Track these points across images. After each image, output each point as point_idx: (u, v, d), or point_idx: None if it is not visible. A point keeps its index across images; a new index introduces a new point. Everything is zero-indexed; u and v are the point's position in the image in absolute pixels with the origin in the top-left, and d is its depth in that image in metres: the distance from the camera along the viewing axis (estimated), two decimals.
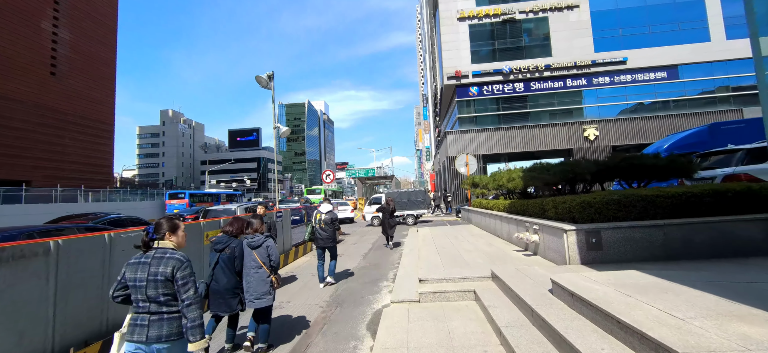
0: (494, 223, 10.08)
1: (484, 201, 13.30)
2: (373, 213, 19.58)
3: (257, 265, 3.74)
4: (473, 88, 26.32)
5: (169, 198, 36.71)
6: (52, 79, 57.65)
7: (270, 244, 3.84)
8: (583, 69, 25.33)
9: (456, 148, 25.39)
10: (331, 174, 15.07)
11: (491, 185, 11.93)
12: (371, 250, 11.12)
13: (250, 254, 3.78)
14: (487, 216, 11.25)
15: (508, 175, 9.87)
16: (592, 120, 24.94)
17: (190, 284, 2.21)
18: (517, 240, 7.07)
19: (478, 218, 12.78)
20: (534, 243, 6.34)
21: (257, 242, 3.82)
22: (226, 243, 3.78)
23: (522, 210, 7.98)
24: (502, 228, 9.01)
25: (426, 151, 65.55)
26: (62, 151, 56.61)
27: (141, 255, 2.26)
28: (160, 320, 2.16)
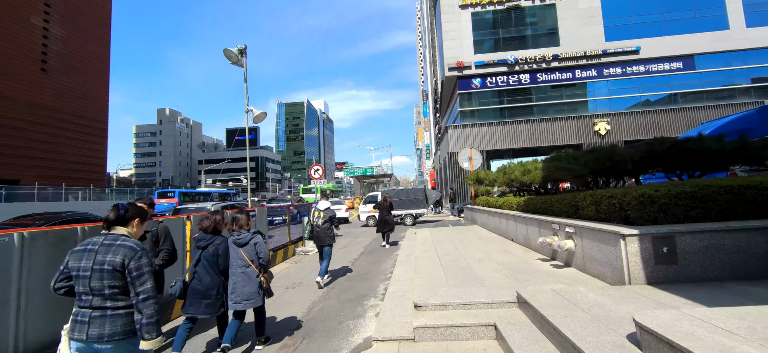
0: (506, 224, 8.54)
1: (492, 199, 11.77)
2: (369, 212, 18.07)
3: (244, 264, 3.47)
4: (476, 80, 24.77)
5: (158, 197, 35.13)
6: (42, 75, 56.33)
7: (258, 241, 3.54)
8: (593, 59, 23.77)
9: (457, 143, 23.85)
10: (319, 169, 13.57)
11: (500, 180, 10.39)
12: (362, 255, 9.58)
13: (237, 252, 3.51)
14: (496, 216, 9.71)
15: (523, 167, 8.34)
16: (603, 113, 23.40)
17: (147, 276, 1.98)
18: (540, 246, 5.53)
19: (485, 218, 11.25)
20: (567, 250, 4.80)
21: (244, 239, 3.52)
22: (209, 240, 3.47)
23: (545, 209, 6.44)
24: (518, 231, 7.47)
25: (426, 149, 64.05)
26: (54, 149, 55.25)
27: (87, 241, 2.03)
28: (103, 317, 1.92)
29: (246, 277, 3.47)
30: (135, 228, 2.14)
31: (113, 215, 2.06)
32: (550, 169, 6.34)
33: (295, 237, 11.44)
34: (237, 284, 3.45)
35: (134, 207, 2.16)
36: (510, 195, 12.45)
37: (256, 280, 3.48)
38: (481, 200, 13.16)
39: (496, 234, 9.50)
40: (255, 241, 3.55)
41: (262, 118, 8.55)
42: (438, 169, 37.28)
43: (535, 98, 24.59)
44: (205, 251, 3.46)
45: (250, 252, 3.51)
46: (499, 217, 9.32)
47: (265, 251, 3.55)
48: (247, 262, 3.49)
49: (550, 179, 6.74)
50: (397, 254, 8.72)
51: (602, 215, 4.57)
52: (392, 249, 9.93)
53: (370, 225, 17.78)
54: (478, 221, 12.48)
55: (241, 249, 3.51)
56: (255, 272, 3.49)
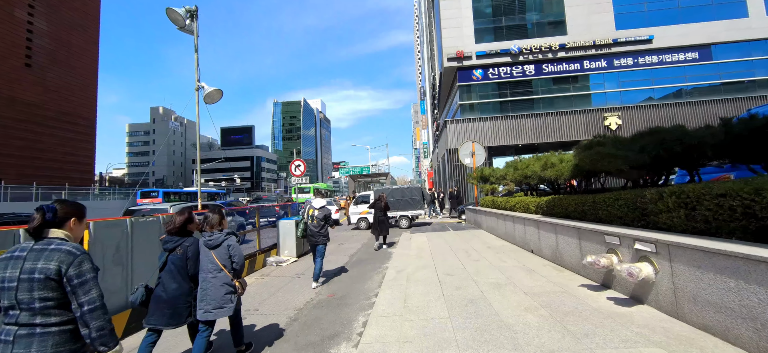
0: (523, 231, 6.80)
1: (499, 200, 10.05)
2: (360, 214, 16.33)
3: (216, 268, 3.08)
4: (477, 71, 23.06)
5: (140, 197, 33.25)
6: (25, 70, 54.38)
7: (232, 243, 3.16)
8: (603, 49, 22.13)
9: (457, 138, 22.13)
10: (301, 165, 11.83)
11: (511, 176, 8.67)
12: (344, 268, 7.83)
13: (208, 255, 3.12)
14: (508, 220, 7.98)
15: (543, 160, 6.63)
16: (613, 107, 21.74)
17: (91, 284, 1.76)
18: (587, 267, 3.80)
19: (492, 222, 9.52)
20: (642, 280, 3.07)
21: (216, 240, 3.13)
22: (177, 242, 3.07)
23: (583, 212, 4.72)
24: (542, 241, 5.74)
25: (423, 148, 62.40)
26: (38, 147, 53.27)
27: (15, 247, 1.79)
28: (30, 335, 1.66)
29: (217, 283, 3.10)
30: (73, 229, 1.88)
31: (38, 219, 1.79)
32: (591, 159, 4.60)
33: (269, 244, 9.73)
34: (207, 291, 3.07)
35: (67, 205, 1.89)
36: (518, 194, 10.76)
37: (228, 286, 3.12)
38: (487, 200, 11.45)
39: (508, 242, 7.77)
40: (228, 243, 3.19)
41: (216, 96, 6.79)
42: (436, 167, 35.57)
43: (540, 91, 22.91)
44: (173, 254, 3.09)
45: (222, 256, 3.15)
46: (512, 222, 7.59)
47: (239, 255, 3.19)
48: (219, 266, 3.12)
49: (595, 170, 5.00)
50: (386, 267, 6.99)
51: (699, 225, 2.85)
52: (382, 259, 8.20)
53: (362, 228, 16.05)
54: (483, 225, 10.76)
55: (212, 252, 3.15)
56: (227, 277, 3.13)
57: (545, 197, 6.62)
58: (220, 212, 3.38)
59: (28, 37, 55.64)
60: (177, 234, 3.15)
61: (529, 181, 8.40)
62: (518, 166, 8.52)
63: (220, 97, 6.83)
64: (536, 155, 8.50)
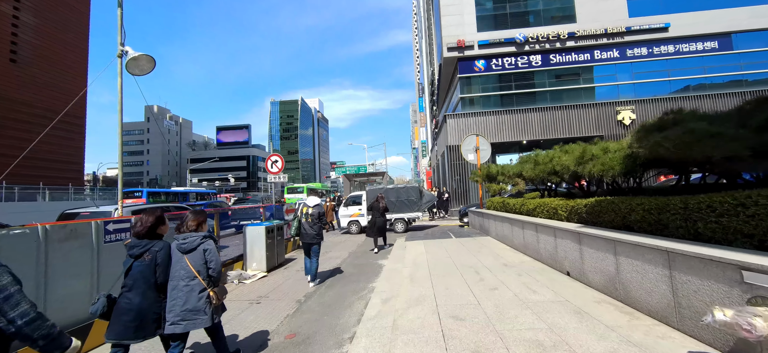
0: (552, 245, 5.09)
1: (511, 202, 8.37)
2: (351, 216, 14.63)
3: (189, 275, 2.75)
4: (479, 62, 21.39)
5: (124, 197, 31.39)
6: (11, 66, 52.58)
7: (209, 247, 2.82)
8: (615, 38, 20.51)
9: (458, 133, 20.46)
10: (278, 160, 10.14)
11: (530, 172, 6.99)
12: (320, 290, 6.13)
13: (181, 260, 2.79)
14: (527, 227, 6.27)
15: (582, 151, 4.96)
16: (626, 100, 20.12)
17: (17, 296, 1.66)
18: (685, 317, 2.13)
19: (504, 229, 7.83)
20: None
21: (191, 244, 2.80)
22: (145, 247, 2.71)
23: (666, 223, 3.03)
24: (590, 263, 4.01)
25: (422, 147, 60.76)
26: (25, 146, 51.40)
27: None
28: None
29: (189, 292, 2.72)
30: None
31: None
32: (678, 143, 2.89)
33: (234, 255, 8.09)
34: (176, 299, 2.71)
35: None
36: (531, 194, 9.08)
37: (201, 295, 2.74)
38: (495, 202, 9.76)
39: (529, 256, 6.09)
40: (205, 247, 2.82)
41: (146, 66, 5.09)
42: (435, 166, 33.88)
43: (547, 83, 21.26)
44: (139, 260, 2.69)
45: (197, 261, 2.78)
46: (534, 231, 5.89)
47: (216, 260, 2.82)
48: (193, 273, 2.75)
49: (676, 160, 3.30)
50: (372, 288, 5.33)
51: None
52: (368, 275, 6.51)
53: (353, 233, 14.36)
54: (491, 231, 9.07)
55: (186, 257, 2.78)
56: (201, 285, 2.75)
57: (582, 200, 4.94)
58: (200, 213, 3.01)
59: (14, 33, 53.82)
60: (145, 238, 2.77)
61: (556, 179, 6.73)
62: (539, 159, 6.85)
63: (152, 68, 5.15)
64: (562, 146, 6.83)
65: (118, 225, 4.84)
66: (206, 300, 2.79)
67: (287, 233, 10.57)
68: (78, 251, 4.20)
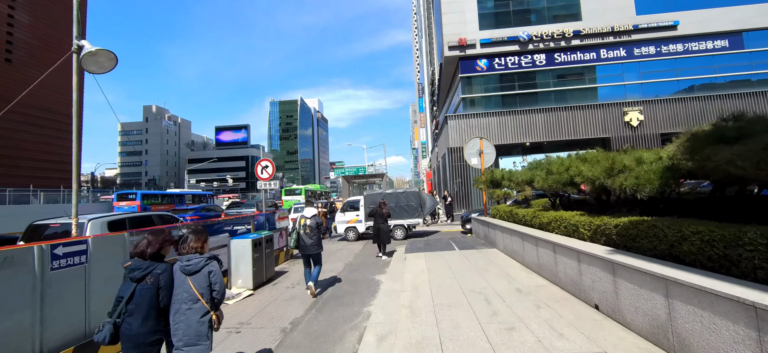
0: (576, 271, 4.36)
1: (522, 212, 7.68)
2: (348, 223, 13.95)
3: (192, 298, 2.60)
4: (481, 61, 20.71)
5: (117, 200, 30.74)
6: (7, 66, 51.93)
7: (213, 269, 2.67)
8: (622, 36, 19.83)
9: (459, 135, 19.77)
10: (269, 166, 9.45)
11: (542, 182, 6.29)
12: (308, 314, 5.44)
13: (184, 282, 2.63)
14: (542, 245, 5.55)
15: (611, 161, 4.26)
16: (634, 101, 19.44)
17: None
18: None
19: (514, 243, 7.12)
20: None
21: (196, 265, 2.64)
22: (147, 269, 2.57)
23: (736, 259, 2.34)
24: (628, 300, 3.28)
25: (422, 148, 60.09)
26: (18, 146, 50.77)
27: None
28: None
29: (193, 316, 2.59)
30: None
31: None
32: (757, 162, 2.22)
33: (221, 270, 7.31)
34: (179, 324, 2.58)
35: None
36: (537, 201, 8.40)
37: (204, 319, 2.61)
38: (503, 211, 9.06)
39: (545, 278, 5.39)
40: (210, 270, 2.67)
41: (106, 63, 4.40)
42: (435, 168, 33.18)
43: (552, 83, 20.58)
44: (142, 284, 2.54)
45: (200, 284, 2.63)
46: (551, 251, 5.18)
47: (221, 283, 2.68)
48: (196, 296, 2.61)
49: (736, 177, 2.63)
50: (368, 313, 4.64)
51: None
52: (364, 295, 5.82)
53: (350, 240, 13.69)
54: (498, 243, 8.37)
55: (189, 279, 2.63)
56: (204, 309, 2.60)
57: (610, 219, 4.23)
58: (202, 232, 2.84)
59: (9, 32, 53.16)
60: (148, 259, 2.61)
61: (572, 190, 6.04)
62: (553, 168, 6.16)
63: (113, 65, 4.46)
64: (578, 153, 6.14)
65: (70, 248, 4.14)
66: (208, 324, 2.67)
67: (280, 243, 9.94)
68: (11, 283, 3.53)
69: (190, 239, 2.80)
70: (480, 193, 18.82)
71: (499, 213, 9.38)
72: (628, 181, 3.72)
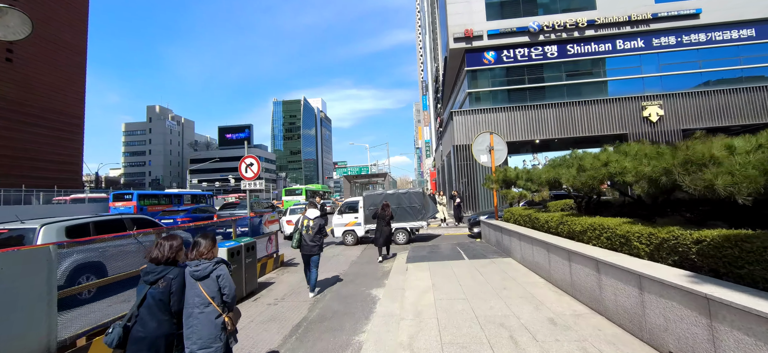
0: (637, 302, 3.20)
1: (542, 216, 6.54)
2: (346, 226, 12.88)
3: (204, 302, 2.64)
4: (489, 54, 19.53)
5: (113, 200, 29.91)
6: (7, 66, 51.61)
7: (222, 273, 2.74)
8: (640, 25, 18.55)
9: (465, 132, 18.61)
10: (255, 164, 8.43)
11: (573, 180, 5.17)
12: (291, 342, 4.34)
13: (194, 287, 2.68)
14: (575, 260, 4.39)
15: (685, 152, 3.14)
16: (653, 94, 18.15)
17: None
18: None
19: (535, 254, 5.97)
20: None
21: (204, 270, 2.70)
22: (160, 274, 2.62)
23: None
24: None
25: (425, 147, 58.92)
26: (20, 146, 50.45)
27: None
28: None
29: (205, 319, 2.63)
30: None
31: None
32: None
33: None
34: (192, 327, 2.60)
35: None
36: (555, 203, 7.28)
37: (217, 322, 2.64)
38: (516, 214, 7.93)
39: (583, 304, 4.24)
40: (218, 274, 2.73)
41: (18, 27, 3.39)
42: (439, 166, 32.02)
43: (565, 76, 19.34)
44: (154, 287, 2.58)
45: (210, 288, 2.68)
46: (590, 270, 4.04)
47: (230, 286, 2.75)
48: (207, 300, 2.65)
49: None
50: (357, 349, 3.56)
51: None
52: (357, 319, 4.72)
53: (348, 244, 12.63)
54: (514, 251, 7.23)
55: (199, 284, 2.67)
56: (216, 312, 2.64)
57: (682, 230, 3.11)
58: (212, 238, 2.89)
59: None
60: (163, 264, 2.66)
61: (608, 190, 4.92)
62: (586, 163, 5.03)
63: (29, 32, 3.44)
64: (617, 145, 5.03)
65: None
66: (221, 326, 2.68)
67: (268, 249, 8.95)
68: None
69: (199, 244, 2.80)
70: (489, 194, 17.65)
71: (513, 217, 8.25)
72: (720, 179, 2.60)
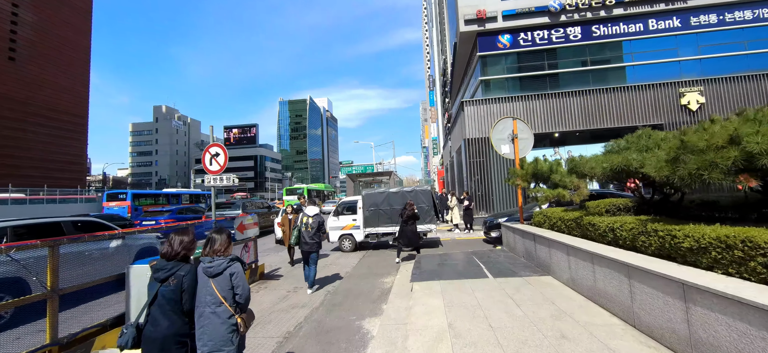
0: None
1: (603, 222, 4.67)
2: (343, 229, 11.14)
3: (216, 301, 2.42)
4: (504, 37, 17.57)
5: (107, 200, 28.67)
6: (9, 64, 51.09)
7: (236, 271, 2.50)
8: (676, 2, 16.42)
9: (478, 123, 16.69)
10: (220, 153, 6.72)
11: (665, 172, 3.35)
12: None
13: (207, 285, 2.47)
14: (725, 309, 2.53)
15: None
16: (692, 79, 16.00)
17: None
18: None
19: (602, 279, 4.06)
20: None
21: (217, 267, 2.48)
22: (171, 271, 2.42)
23: None
24: None
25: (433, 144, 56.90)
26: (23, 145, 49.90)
27: None
28: None
29: (217, 319, 2.40)
30: None
31: None
32: None
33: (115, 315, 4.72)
34: (204, 327, 2.40)
35: None
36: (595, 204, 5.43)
37: (229, 322, 2.42)
38: (556, 217, 6.05)
39: None
40: (231, 271, 2.49)
41: None
42: (448, 164, 30.08)
43: (590, 61, 17.28)
44: (165, 285, 2.39)
45: (223, 286, 2.45)
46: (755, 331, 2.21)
47: (244, 285, 2.51)
48: (219, 299, 2.42)
49: None
50: None
51: None
52: None
53: (345, 250, 10.91)
54: (556, 268, 5.36)
55: (211, 281, 2.46)
56: (228, 312, 2.42)
57: None
58: (227, 234, 2.67)
59: (13, 30, 52.28)
60: (173, 260, 2.48)
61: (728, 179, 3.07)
62: (692, 139, 3.18)
63: None
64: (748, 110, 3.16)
65: None
66: (234, 328, 2.45)
67: (246, 257, 7.34)
68: None
69: (215, 240, 2.59)
70: (506, 193, 15.72)
71: (549, 221, 6.38)
72: None
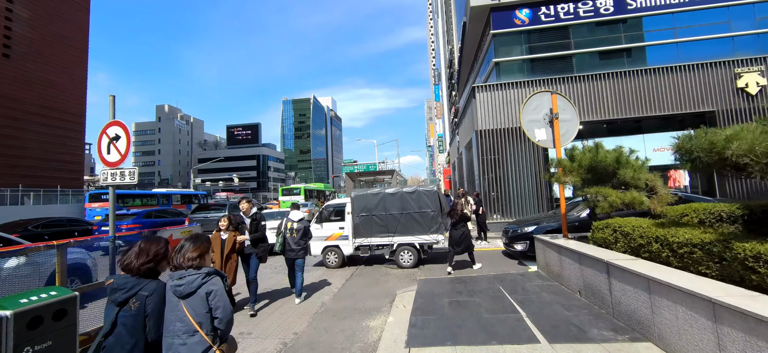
0: None
1: None
2: (327, 240, 8.82)
3: (188, 329, 1.89)
4: (522, 12, 15.11)
5: (89, 201, 26.85)
6: (5, 61, 49.83)
7: (214, 288, 1.95)
8: None
9: (492, 112, 14.25)
10: (121, 136, 4.56)
11: None
12: None
13: (177, 307, 1.93)
14: None
15: None
16: (749, 57, 13.40)
17: None
18: None
19: None
20: None
21: (189, 285, 1.93)
22: (131, 290, 1.89)
23: None
24: None
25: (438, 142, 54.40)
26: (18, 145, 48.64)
27: None
28: None
29: (188, 352, 1.86)
30: None
31: None
32: None
33: None
34: None
35: None
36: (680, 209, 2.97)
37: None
38: (649, 233, 3.66)
39: None
40: (208, 289, 1.94)
41: None
42: (455, 162, 27.61)
43: (624, 38, 14.74)
44: (124, 309, 1.87)
45: (197, 309, 1.90)
46: None
47: (225, 305, 1.94)
48: (193, 327, 1.88)
49: None
50: None
51: None
52: None
53: (331, 266, 8.61)
54: (660, 331, 2.98)
55: (182, 303, 1.91)
56: (204, 344, 1.88)
57: None
58: (203, 239, 2.09)
59: (7, 26, 51.01)
60: (136, 276, 1.94)
61: None
62: None
63: None
64: None
65: None
66: None
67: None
68: None
69: (185, 248, 2.02)
70: (525, 194, 13.30)
71: (627, 240, 3.98)
72: None
